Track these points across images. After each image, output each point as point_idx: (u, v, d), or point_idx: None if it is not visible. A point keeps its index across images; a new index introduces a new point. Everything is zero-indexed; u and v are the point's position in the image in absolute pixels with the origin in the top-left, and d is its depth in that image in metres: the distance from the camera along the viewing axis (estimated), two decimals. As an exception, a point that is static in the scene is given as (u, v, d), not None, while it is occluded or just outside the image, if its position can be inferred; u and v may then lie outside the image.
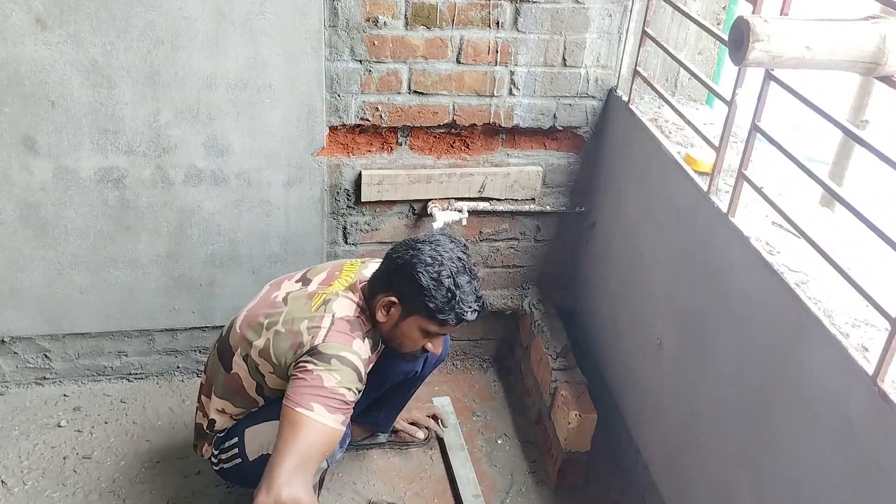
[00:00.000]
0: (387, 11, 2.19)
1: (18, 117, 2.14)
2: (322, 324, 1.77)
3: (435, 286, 1.76)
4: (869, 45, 1.34)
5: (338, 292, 1.86)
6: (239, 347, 1.88)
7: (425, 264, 1.77)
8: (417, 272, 1.76)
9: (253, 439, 1.90)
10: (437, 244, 1.81)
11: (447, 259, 1.78)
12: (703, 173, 1.93)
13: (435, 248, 1.79)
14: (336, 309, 1.80)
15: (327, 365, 1.70)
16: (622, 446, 2.38)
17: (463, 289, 1.78)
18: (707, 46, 2.43)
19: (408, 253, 1.80)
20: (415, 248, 1.80)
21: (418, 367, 2.14)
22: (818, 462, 1.44)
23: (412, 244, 1.82)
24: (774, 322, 1.58)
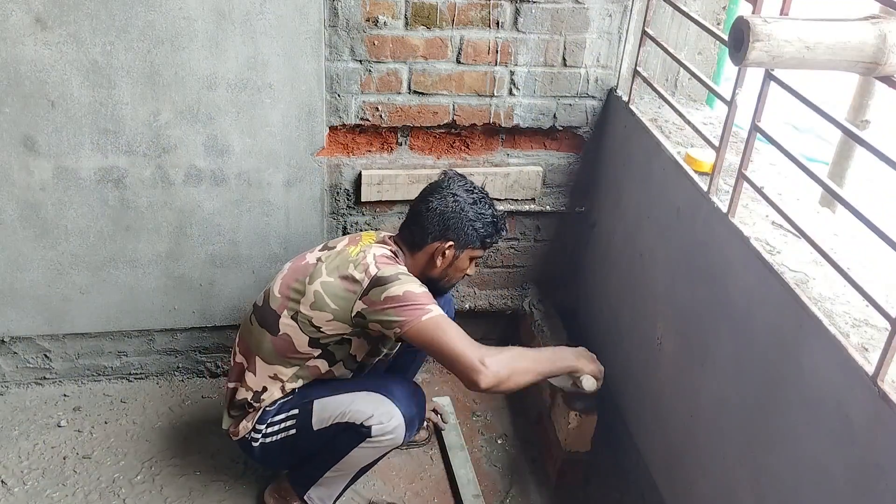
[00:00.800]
0: (387, 11, 2.19)
1: (18, 117, 2.14)
2: (367, 260, 1.90)
3: (483, 219, 1.99)
4: (869, 45, 1.34)
5: (371, 244, 1.99)
6: (284, 309, 1.95)
7: (470, 203, 1.98)
8: (469, 216, 1.97)
9: (325, 409, 1.97)
10: (461, 184, 2.01)
11: (476, 192, 2.02)
12: (703, 173, 1.93)
13: (462, 188, 2.00)
14: (375, 250, 1.95)
15: (399, 281, 1.85)
16: (622, 446, 2.38)
17: (496, 211, 2.04)
18: (707, 46, 2.43)
19: (448, 200, 1.98)
20: (452, 195, 1.98)
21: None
22: (818, 462, 1.44)
23: (444, 192, 1.99)
24: (774, 322, 1.58)
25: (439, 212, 1.98)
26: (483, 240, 2.02)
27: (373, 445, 1.96)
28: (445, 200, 1.98)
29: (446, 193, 1.99)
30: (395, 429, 1.94)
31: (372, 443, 1.95)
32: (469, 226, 1.98)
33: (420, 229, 2.00)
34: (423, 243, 2.00)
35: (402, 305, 1.82)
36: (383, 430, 1.93)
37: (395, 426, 1.94)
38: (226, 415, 2.10)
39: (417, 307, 1.82)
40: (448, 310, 2.26)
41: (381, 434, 1.94)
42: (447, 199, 1.98)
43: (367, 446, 1.96)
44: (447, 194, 1.99)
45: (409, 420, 1.96)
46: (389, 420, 1.93)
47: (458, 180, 2.03)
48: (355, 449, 1.97)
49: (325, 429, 1.97)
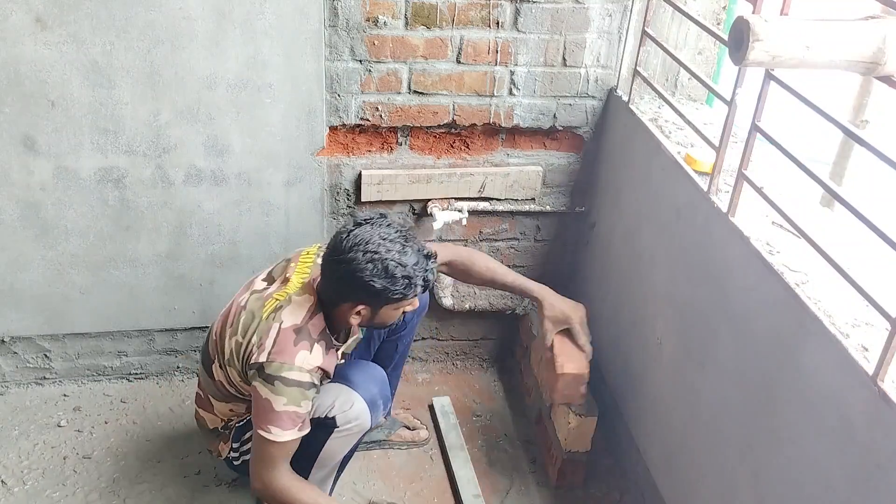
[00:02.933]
0: (387, 11, 2.19)
1: (18, 117, 2.14)
2: (268, 336, 1.81)
3: (390, 282, 1.74)
4: (869, 45, 1.34)
5: (290, 296, 1.86)
6: (216, 356, 1.97)
7: (368, 271, 1.73)
8: (368, 283, 1.74)
9: None
10: (360, 242, 1.74)
11: (381, 249, 1.73)
12: (703, 173, 1.93)
13: (363, 246, 1.73)
14: (284, 317, 1.82)
15: (272, 388, 1.77)
16: (622, 446, 2.38)
17: (413, 265, 1.76)
18: (707, 46, 2.43)
19: (342, 267, 1.75)
20: (346, 260, 1.74)
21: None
22: (818, 462, 1.44)
23: (339, 256, 1.75)
24: (774, 322, 1.58)
25: (338, 278, 1.78)
26: (398, 299, 1.79)
27: (343, 435, 1.95)
28: (341, 267, 1.75)
29: (342, 259, 1.74)
30: (360, 414, 1.93)
31: (341, 433, 1.94)
32: (373, 293, 1.76)
33: (327, 288, 1.84)
34: (336, 303, 1.84)
35: (257, 405, 1.81)
36: (347, 417, 1.92)
37: (358, 412, 1.93)
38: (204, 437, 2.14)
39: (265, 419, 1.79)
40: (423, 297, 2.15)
41: (346, 423, 1.92)
42: (341, 266, 1.75)
43: (338, 437, 1.95)
44: (342, 260, 1.74)
45: (370, 401, 1.95)
46: (351, 407, 1.92)
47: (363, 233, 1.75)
48: (327, 442, 1.96)
49: None
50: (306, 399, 1.81)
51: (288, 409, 1.78)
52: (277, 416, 1.78)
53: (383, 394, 2.03)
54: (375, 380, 2.01)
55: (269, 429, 1.79)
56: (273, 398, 1.77)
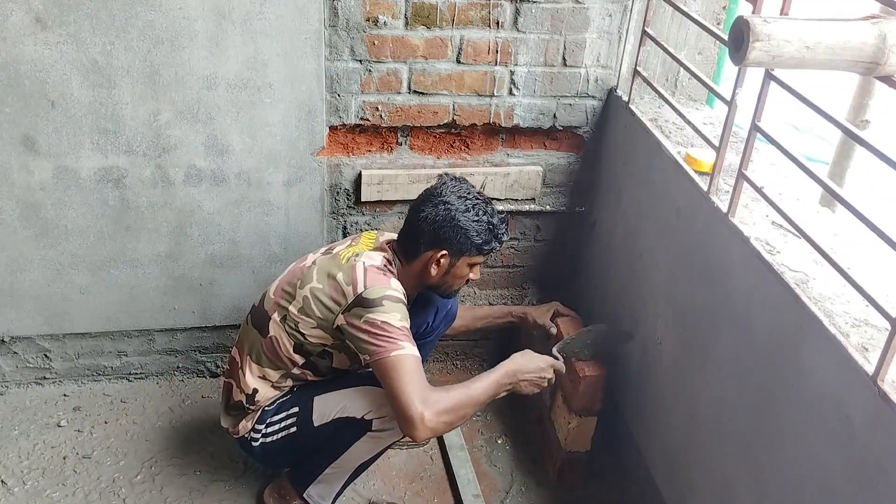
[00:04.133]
0: (387, 11, 2.19)
1: (18, 117, 2.14)
2: (357, 272, 1.87)
3: (477, 226, 1.93)
4: (869, 45, 1.34)
5: (363, 250, 1.96)
6: (275, 311, 1.97)
7: (462, 211, 1.92)
8: (462, 224, 1.91)
9: (323, 405, 1.98)
10: (454, 190, 1.95)
11: (470, 198, 1.94)
12: (703, 173, 1.93)
13: (455, 194, 1.94)
14: (366, 259, 1.91)
15: (382, 308, 1.82)
16: (622, 446, 2.38)
17: (493, 216, 1.96)
18: (707, 46, 2.43)
19: (439, 209, 1.92)
20: (443, 203, 1.93)
21: (429, 318, 2.20)
22: (818, 462, 1.44)
23: (436, 200, 1.94)
24: (774, 322, 1.58)
25: (430, 221, 1.93)
26: (479, 248, 1.96)
27: (374, 439, 1.96)
28: (437, 209, 1.93)
29: (438, 202, 1.93)
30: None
31: (373, 436, 1.96)
32: (462, 234, 1.93)
33: (412, 239, 1.97)
34: (417, 253, 1.97)
35: (377, 335, 1.80)
36: (384, 423, 1.94)
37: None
38: (224, 413, 2.11)
39: (390, 341, 1.80)
40: (453, 307, 2.28)
41: (381, 427, 1.94)
42: (438, 207, 1.93)
43: (369, 440, 1.97)
44: (438, 202, 1.93)
45: None
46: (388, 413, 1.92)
47: (453, 185, 1.97)
48: (357, 443, 1.97)
49: (326, 424, 1.98)
50: (407, 319, 1.86)
51: (403, 323, 1.83)
52: (401, 331, 1.81)
53: None
54: None
55: (402, 345, 1.80)
56: (388, 317, 1.81)
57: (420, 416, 1.75)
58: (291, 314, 1.93)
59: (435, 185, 2.00)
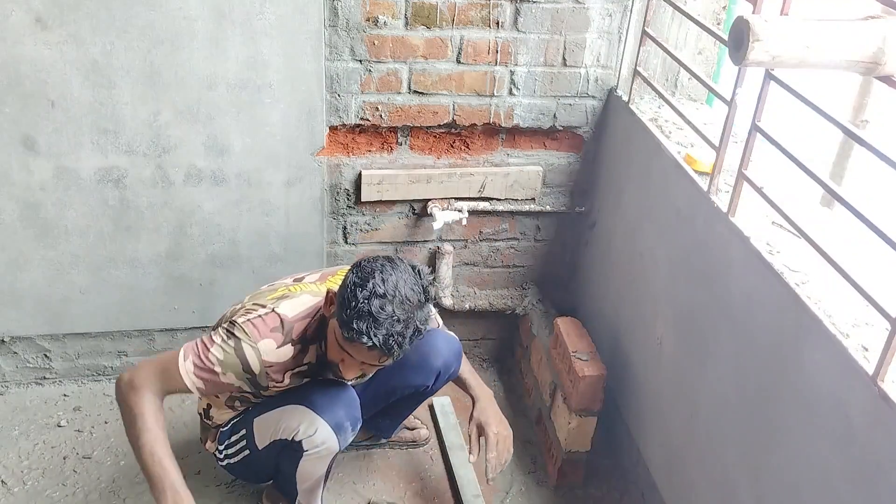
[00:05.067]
0: (387, 11, 2.19)
1: (18, 117, 2.14)
2: (258, 310, 1.80)
3: (351, 293, 1.62)
4: (869, 45, 1.34)
5: (302, 292, 1.86)
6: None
7: (363, 270, 1.65)
8: (352, 273, 1.66)
9: (262, 427, 1.93)
10: (393, 266, 1.67)
11: (383, 279, 1.63)
12: (703, 173, 1.93)
13: (385, 265, 1.66)
14: (284, 305, 1.80)
15: (225, 341, 1.75)
16: (622, 446, 2.38)
17: (373, 312, 1.60)
18: (707, 46, 2.43)
19: (367, 258, 1.71)
20: (376, 257, 1.70)
21: (429, 382, 2.10)
22: (818, 462, 1.44)
23: (379, 256, 1.71)
24: (774, 322, 1.58)
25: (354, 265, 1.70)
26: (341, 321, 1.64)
27: (313, 457, 1.90)
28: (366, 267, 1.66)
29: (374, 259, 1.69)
30: (325, 439, 1.86)
31: (310, 455, 1.89)
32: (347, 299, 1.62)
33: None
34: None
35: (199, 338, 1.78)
36: (313, 442, 1.86)
37: (324, 437, 1.86)
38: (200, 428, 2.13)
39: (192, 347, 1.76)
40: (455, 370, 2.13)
41: (313, 447, 1.87)
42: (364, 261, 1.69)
43: (308, 459, 1.90)
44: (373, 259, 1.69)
45: (335, 425, 1.86)
46: (315, 432, 1.85)
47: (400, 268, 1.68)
48: (300, 464, 1.92)
49: (267, 447, 1.93)
50: (233, 374, 1.75)
51: (215, 367, 1.73)
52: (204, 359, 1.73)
53: (350, 415, 1.90)
54: (342, 401, 1.90)
55: (187, 354, 1.74)
56: (215, 347, 1.74)
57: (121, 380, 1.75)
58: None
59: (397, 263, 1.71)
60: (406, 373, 2.06)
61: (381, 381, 2.06)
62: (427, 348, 2.04)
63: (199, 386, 1.76)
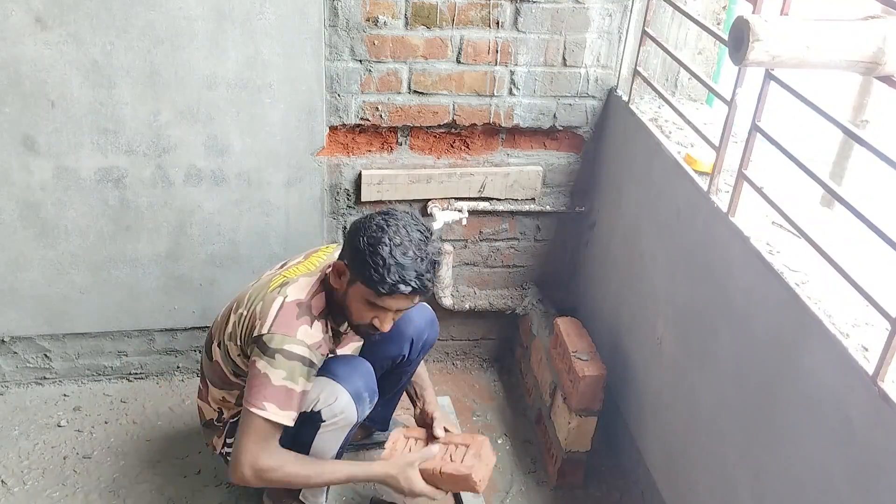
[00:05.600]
0: (387, 11, 2.19)
1: (18, 117, 2.14)
2: (271, 308, 1.80)
3: (371, 252, 1.71)
4: (869, 45, 1.34)
5: (298, 275, 1.88)
6: (216, 335, 1.97)
7: (368, 230, 1.74)
8: (360, 237, 1.74)
9: None
10: (391, 216, 1.77)
11: (393, 230, 1.73)
12: (703, 173, 1.93)
13: (386, 219, 1.76)
14: (290, 292, 1.82)
15: (272, 360, 1.75)
16: (622, 446, 2.38)
17: (400, 260, 1.70)
18: (707, 46, 2.43)
19: (361, 220, 1.79)
20: (369, 216, 1.78)
21: (405, 351, 2.11)
22: (818, 462, 1.44)
23: (371, 214, 1.79)
24: (774, 322, 1.58)
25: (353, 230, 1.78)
26: (369, 280, 1.72)
27: (331, 429, 1.91)
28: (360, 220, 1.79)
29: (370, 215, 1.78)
30: (345, 407, 1.88)
31: (328, 427, 1.90)
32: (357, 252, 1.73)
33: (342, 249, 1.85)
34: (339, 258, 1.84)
35: (252, 382, 1.77)
36: (333, 411, 1.88)
37: (343, 405, 1.88)
38: (202, 430, 2.12)
39: (257, 396, 1.76)
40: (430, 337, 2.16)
41: (332, 416, 1.89)
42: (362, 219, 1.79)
43: (326, 431, 1.91)
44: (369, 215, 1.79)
45: (355, 394, 1.90)
46: (335, 400, 1.87)
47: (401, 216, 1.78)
48: (316, 437, 1.92)
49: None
50: (304, 377, 1.78)
51: (287, 384, 1.75)
52: (275, 391, 1.75)
53: (369, 387, 1.96)
54: (360, 372, 1.95)
55: (265, 405, 1.74)
56: (271, 372, 1.74)
57: (241, 475, 1.80)
58: (224, 340, 1.92)
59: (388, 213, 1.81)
60: (380, 346, 2.07)
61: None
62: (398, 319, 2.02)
63: (294, 415, 1.79)
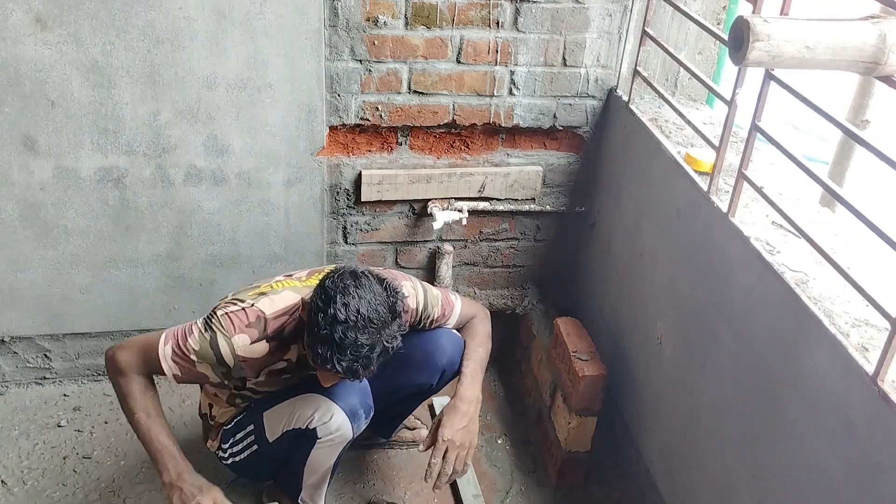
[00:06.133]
0: (387, 11, 2.19)
1: (18, 117, 2.14)
2: (238, 304, 1.81)
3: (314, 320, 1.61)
4: (869, 44, 1.34)
5: (284, 288, 1.84)
6: None
7: (333, 288, 1.61)
8: (321, 291, 1.62)
9: (273, 419, 1.93)
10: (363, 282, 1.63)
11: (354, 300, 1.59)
12: (704, 173, 1.93)
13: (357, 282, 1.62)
14: (263, 301, 1.80)
15: (203, 333, 1.77)
16: (622, 446, 2.38)
17: (338, 338, 1.57)
18: (707, 46, 2.43)
19: (336, 271, 1.67)
20: (344, 273, 1.65)
21: (433, 381, 2.11)
22: (818, 462, 1.44)
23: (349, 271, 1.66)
24: (774, 322, 1.58)
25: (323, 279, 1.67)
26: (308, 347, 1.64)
27: (325, 445, 1.91)
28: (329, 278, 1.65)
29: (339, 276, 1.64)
30: (340, 425, 1.88)
31: (323, 443, 1.90)
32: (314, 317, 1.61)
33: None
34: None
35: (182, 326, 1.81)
36: (328, 429, 1.88)
37: (338, 423, 1.87)
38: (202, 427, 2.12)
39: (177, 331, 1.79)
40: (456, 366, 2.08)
41: (327, 434, 1.88)
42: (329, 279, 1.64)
43: (321, 447, 1.92)
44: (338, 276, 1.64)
45: (350, 412, 1.89)
46: (330, 418, 1.86)
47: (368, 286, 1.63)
48: (311, 452, 1.93)
49: (278, 439, 1.93)
50: (208, 365, 1.77)
51: (190, 350, 1.76)
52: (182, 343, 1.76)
53: (364, 403, 1.93)
54: (355, 388, 1.91)
55: (168, 338, 1.78)
56: (194, 335, 1.76)
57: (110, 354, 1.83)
58: None
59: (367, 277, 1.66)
60: (410, 371, 2.06)
61: (385, 380, 2.01)
62: (432, 347, 2.04)
63: (175, 372, 1.79)
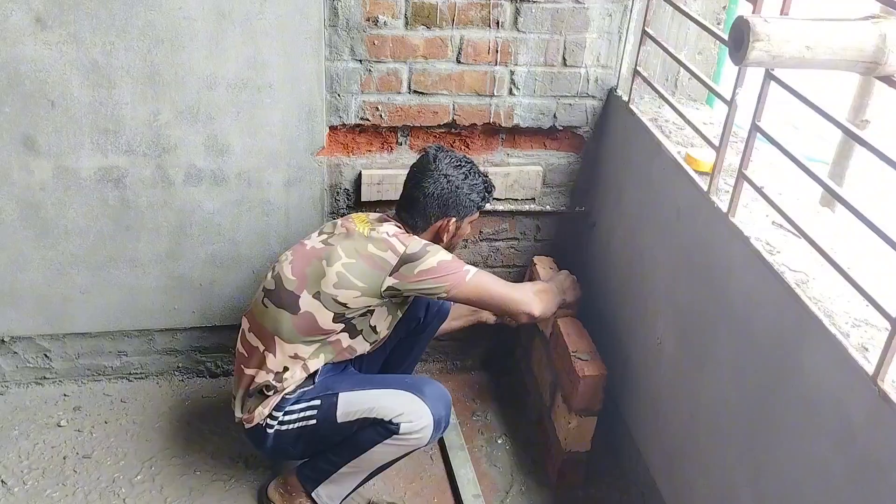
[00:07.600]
0: (387, 11, 2.19)
1: (18, 117, 2.14)
2: (388, 241, 1.98)
3: (477, 189, 2.10)
4: (869, 44, 1.34)
5: (375, 223, 2.07)
6: (303, 289, 1.98)
7: (462, 179, 2.06)
8: (465, 192, 2.07)
9: (352, 402, 1.99)
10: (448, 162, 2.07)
11: (464, 166, 2.09)
12: (704, 173, 1.93)
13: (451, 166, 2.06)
14: (388, 229, 2.03)
15: (428, 254, 1.97)
16: (622, 446, 2.38)
17: (485, 178, 2.14)
18: (707, 46, 2.43)
19: (441, 182, 2.05)
20: (444, 176, 2.05)
21: (420, 314, 2.29)
22: (818, 462, 1.44)
23: (436, 175, 2.05)
24: (774, 322, 1.58)
25: (436, 195, 2.05)
26: (479, 206, 2.14)
27: (398, 443, 1.96)
28: (439, 183, 2.04)
29: (438, 176, 2.05)
30: (424, 428, 1.96)
31: (398, 440, 1.95)
32: (466, 199, 2.08)
33: (420, 212, 2.07)
34: (427, 224, 2.09)
35: (441, 275, 1.96)
36: (412, 428, 1.95)
37: (424, 426, 1.96)
38: (239, 404, 2.07)
39: (455, 272, 1.99)
40: (444, 304, 2.34)
41: (408, 432, 1.95)
42: (440, 181, 2.04)
43: (392, 444, 1.96)
44: (439, 176, 2.05)
45: (437, 421, 1.98)
46: (419, 419, 1.95)
47: (444, 157, 2.07)
48: (379, 445, 1.97)
49: (349, 422, 1.98)
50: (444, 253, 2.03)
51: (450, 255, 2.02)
52: (457, 261, 2.02)
53: (447, 418, 2.05)
54: (445, 402, 2.04)
55: (468, 268, 2.02)
56: (438, 257, 1.97)
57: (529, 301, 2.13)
58: (325, 290, 1.95)
59: (427, 159, 2.08)
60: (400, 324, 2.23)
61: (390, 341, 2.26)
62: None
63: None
